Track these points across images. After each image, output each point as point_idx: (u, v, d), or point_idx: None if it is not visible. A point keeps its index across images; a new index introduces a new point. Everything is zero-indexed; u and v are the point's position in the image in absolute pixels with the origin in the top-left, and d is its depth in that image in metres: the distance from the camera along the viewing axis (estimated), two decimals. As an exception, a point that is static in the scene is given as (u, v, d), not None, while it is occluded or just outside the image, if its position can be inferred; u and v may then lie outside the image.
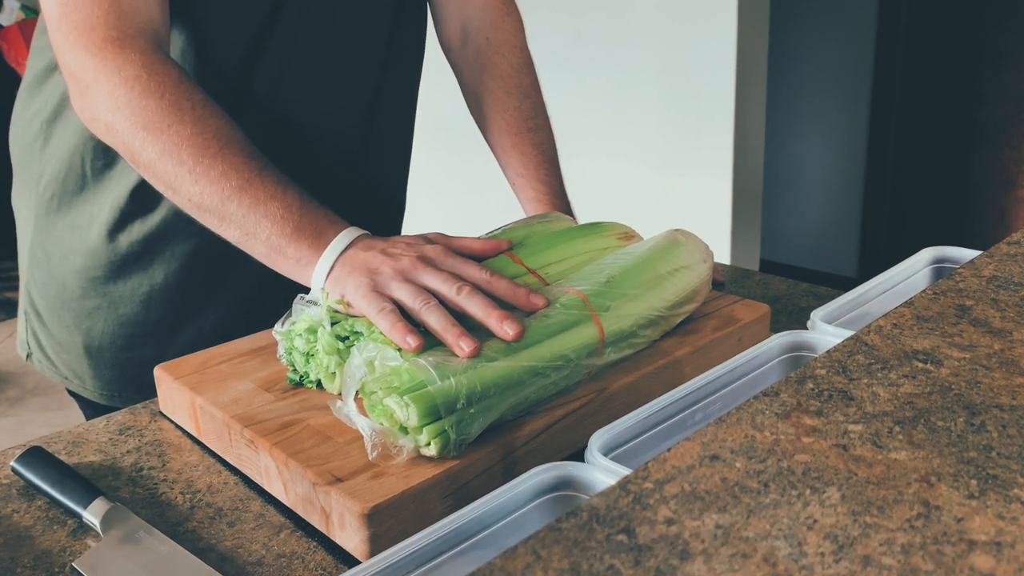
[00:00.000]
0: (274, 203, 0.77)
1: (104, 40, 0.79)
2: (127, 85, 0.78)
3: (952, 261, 0.85)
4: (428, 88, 1.17)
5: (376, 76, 1.01)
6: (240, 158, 0.78)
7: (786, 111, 3.48)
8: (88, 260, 0.98)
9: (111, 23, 0.80)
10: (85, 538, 0.67)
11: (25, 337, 1.09)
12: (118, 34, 0.80)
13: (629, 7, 2.32)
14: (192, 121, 0.78)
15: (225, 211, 0.78)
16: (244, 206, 0.77)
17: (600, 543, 0.37)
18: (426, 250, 0.76)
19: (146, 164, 0.80)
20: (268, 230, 0.77)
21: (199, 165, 0.77)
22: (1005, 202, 3.20)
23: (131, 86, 0.78)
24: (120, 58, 0.79)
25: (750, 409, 0.47)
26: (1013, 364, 0.50)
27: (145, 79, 0.78)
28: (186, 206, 0.81)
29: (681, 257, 0.84)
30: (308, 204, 0.79)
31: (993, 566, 0.35)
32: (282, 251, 0.77)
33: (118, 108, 0.79)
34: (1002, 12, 3.05)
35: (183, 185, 0.78)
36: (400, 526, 0.62)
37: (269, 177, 0.79)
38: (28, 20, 3.51)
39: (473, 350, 0.67)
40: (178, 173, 0.78)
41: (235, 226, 0.78)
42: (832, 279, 3.43)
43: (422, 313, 0.71)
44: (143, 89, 0.78)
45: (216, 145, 0.78)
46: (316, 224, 0.78)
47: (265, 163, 0.80)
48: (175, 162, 0.78)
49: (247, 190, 0.77)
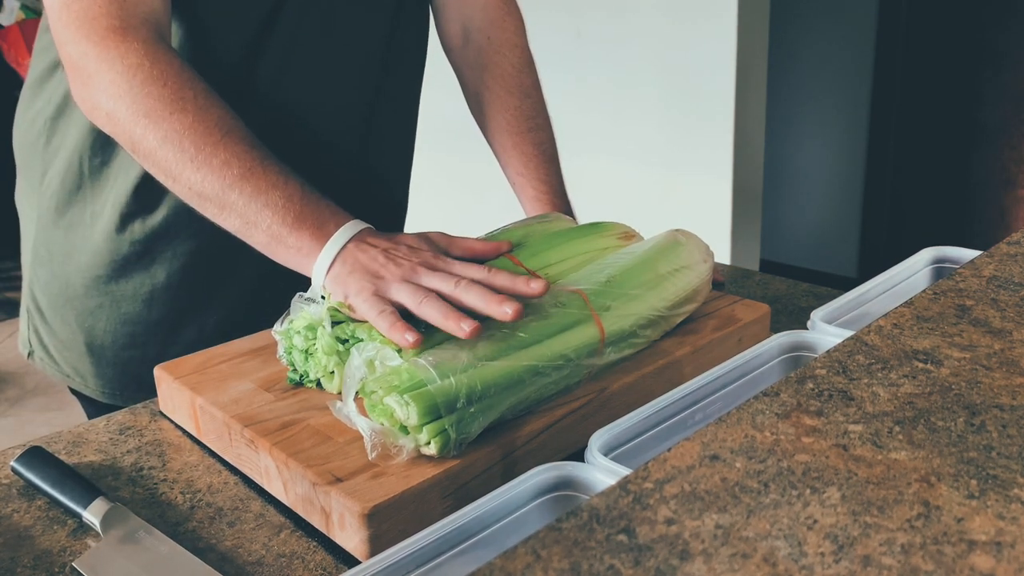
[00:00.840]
0: (275, 192, 0.77)
1: (106, 29, 0.79)
2: (129, 73, 0.78)
3: (952, 261, 0.85)
4: (429, 88, 1.17)
5: (376, 75, 1.02)
6: (242, 147, 0.78)
7: (786, 111, 3.48)
8: (90, 258, 0.98)
9: (113, 12, 0.80)
10: (85, 538, 0.67)
11: (27, 335, 1.09)
12: (120, 23, 0.80)
13: (629, 7, 2.32)
14: (194, 110, 0.78)
15: (226, 200, 0.78)
16: (245, 195, 0.77)
17: (600, 543, 0.37)
18: (426, 256, 0.76)
19: (147, 153, 0.80)
20: (269, 219, 0.77)
21: (201, 153, 0.77)
22: (1005, 202, 3.20)
23: (133, 74, 0.78)
24: (122, 47, 0.79)
25: (750, 409, 0.47)
26: (1013, 364, 0.50)
27: (147, 68, 0.78)
28: (186, 195, 0.80)
29: (681, 257, 0.84)
30: (310, 194, 0.79)
31: (993, 566, 0.35)
32: (283, 240, 0.77)
33: (119, 96, 0.79)
34: (1002, 12, 3.05)
35: (184, 173, 0.78)
36: (400, 526, 0.62)
37: (271, 166, 0.78)
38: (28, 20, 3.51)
39: (475, 329, 0.67)
40: (179, 161, 0.78)
41: (236, 215, 0.78)
42: (832, 279, 3.43)
43: (422, 307, 0.70)
44: (145, 77, 0.78)
45: (218, 133, 0.78)
46: (318, 214, 0.78)
47: (266, 153, 0.80)
48: (176, 150, 0.78)
49: (248, 179, 0.77)
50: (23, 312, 1.10)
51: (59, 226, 1.00)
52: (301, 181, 0.79)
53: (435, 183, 2.79)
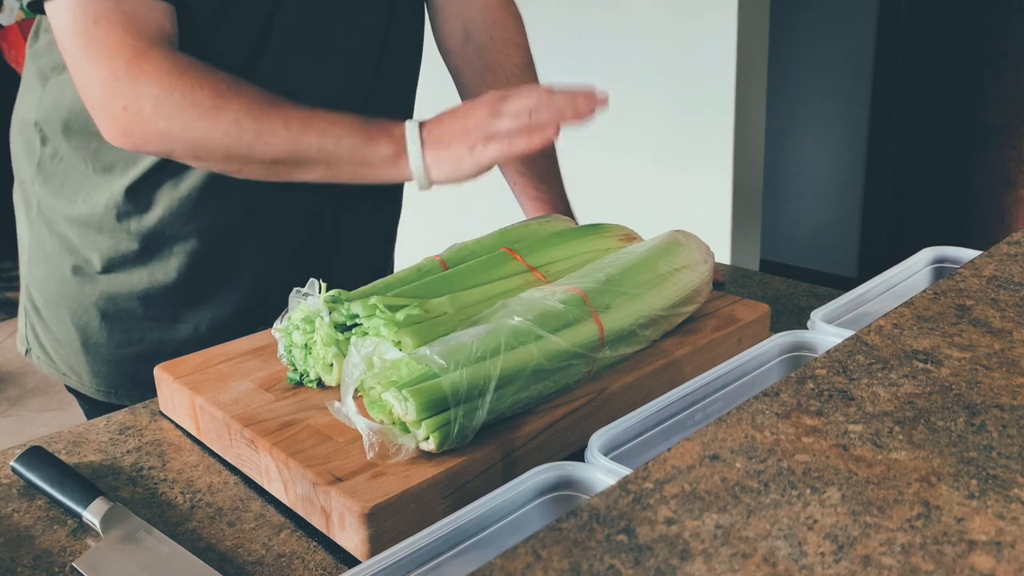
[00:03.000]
0: (338, 126, 0.84)
1: (129, 60, 0.82)
2: (167, 90, 0.82)
3: (952, 261, 0.85)
4: (425, 90, 1.16)
5: (371, 76, 1.01)
6: (288, 105, 0.84)
7: (786, 111, 3.48)
8: (86, 255, 0.98)
9: (129, 42, 0.83)
10: (85, 538, 0.67)
11: (24, 333, 1.09)
12: (139, 49, 0.83)
13: (630, 6, 2.32)
14: (235, 95, 0.83)
15: (303, 154, 0.84)
16: (316, 142, 0.83)
17: (600, 543, 0.37)
18: (485, 108, 0.83)
19: (214, 151, 0.84)
20: (348, 148, 0.83)
21: (263, 126, 0.83)
22: (1005, 202, 3.20)
23: (171, 90, 0.82)
24: (149, 69, 0.82)
25: (750, 409, 0.47)
26: (1013, 364, 0.50)
27: (180, 79, 0.82)
28: (262, 173, 0.86)
29: (681, 257, 0.84)
30: (359, 116, 0.85)
31: (993, 566, 0.35)
32: (368, 160, 0.84)
33: (169, 116, 0.82)
34: (1002, 13, 3.04)
35: (255, 151, 0.83)
36: (400, 526, 0.62)
37: (317, 110, 0.84)
38: (28, 20, 3.51)
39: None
40: (248, 142, 0.83)
41: (317, 163, 0.84)
42: (832, 279, 3.43)
43: (513, 137, 0.81)
44: (183, 88, 0.82)
45: (265, 104, 0.83)
46: (380, 126, 0.85)
47: (299, 101, 0.85)
48: (241, 133, 0.83)
49: (310, 127, 0.83)
50: (21, 310, 1.10)
51: (55, 225, 1.00)
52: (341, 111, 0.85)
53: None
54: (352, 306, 0.74)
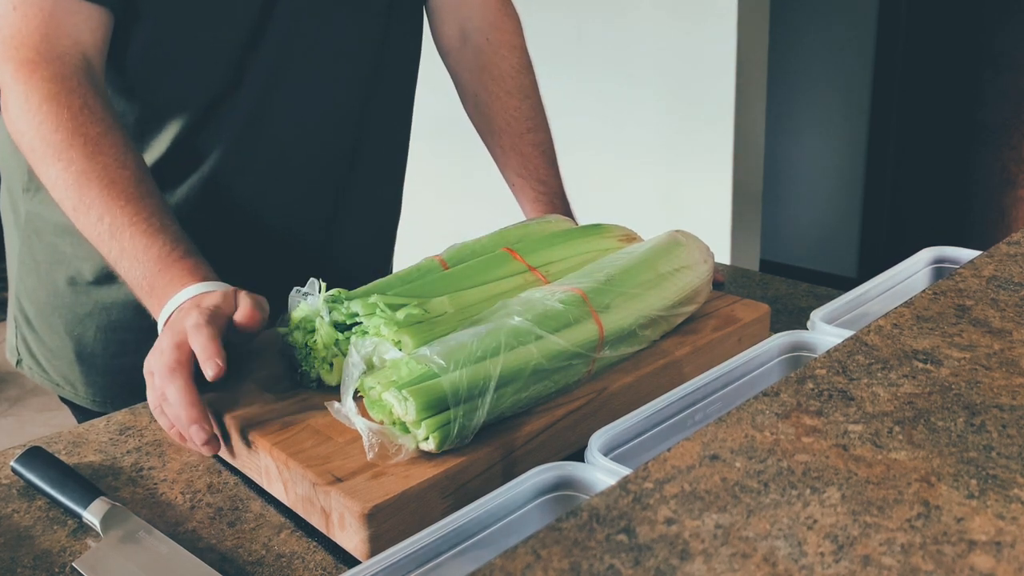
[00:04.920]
0: (140, 255, 0.80)
1: (21, 61, 0.82)
2: (30, 113, 0.82)
3: (952, 261, 0.85)
4: (423, 93, 1.16)
5: (369, 78, 1.01)
6: (118, 202, 0.80)
7: (786, 111, 3.48)
8: (78, 266, 0.98)
9: (31, 44, 0.82)
10: (85, 538, 0.67)
11: (15, 344, 1.08)
12: (35, 56, 0.82)
13: (630, 7, 2.32)
14: (80, 158, 0.81)
15: (102, 250, 0.82)
16: (114, 252, 0.81)
17: (600, 543, 0.37)
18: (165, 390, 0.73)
19: (45, 184, 0.84)
20: (133, 279, 0.81)
21: (78, 203, 0.81)
22: (1005, 202, 3.20)
23: (32, 115, 0.82)
24: (29, 83, 0.82)
25: (750, 409, 0.47)
26: (1013, 364, 0.50)
27: (46, 110, 0.81)
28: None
29: (681, 257, 0.84)
30: (171, 252, 0.80)
31: (993, 566, 0.35)
32: (141, 298, 0.81)
33: (21, 132, 0.83)
34: (1002, 13, 3.04)
35: (68, 213, 0.83)
36: (400, 526, 0.62)
37: (140, 223, 0.80)
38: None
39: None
40: (63, 202, 0.82)
41: (110, 261, 0.82)
42: (832, 279, 3.43)
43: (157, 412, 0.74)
44: (42, 119, 0.81)
45: (96, 187, 0.80)
46: (168, 278, 0.79)
47: (140, 207, 0.81)
48: (62, 195, 0.82)
49: (118, 236, 0.80)
50: (10, 321, 1.09)
51: (45, 233, 0.99)
52: (164, 240, 0.80)
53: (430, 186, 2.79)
54: (352, 305, 0.74)
